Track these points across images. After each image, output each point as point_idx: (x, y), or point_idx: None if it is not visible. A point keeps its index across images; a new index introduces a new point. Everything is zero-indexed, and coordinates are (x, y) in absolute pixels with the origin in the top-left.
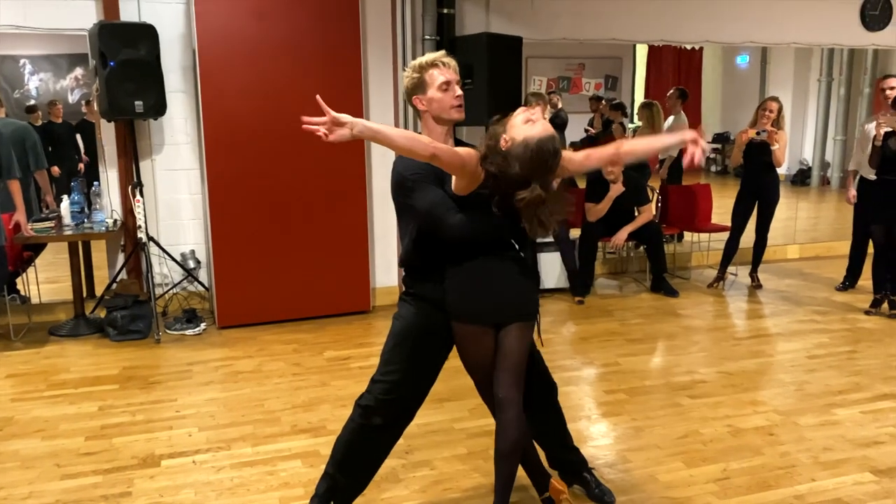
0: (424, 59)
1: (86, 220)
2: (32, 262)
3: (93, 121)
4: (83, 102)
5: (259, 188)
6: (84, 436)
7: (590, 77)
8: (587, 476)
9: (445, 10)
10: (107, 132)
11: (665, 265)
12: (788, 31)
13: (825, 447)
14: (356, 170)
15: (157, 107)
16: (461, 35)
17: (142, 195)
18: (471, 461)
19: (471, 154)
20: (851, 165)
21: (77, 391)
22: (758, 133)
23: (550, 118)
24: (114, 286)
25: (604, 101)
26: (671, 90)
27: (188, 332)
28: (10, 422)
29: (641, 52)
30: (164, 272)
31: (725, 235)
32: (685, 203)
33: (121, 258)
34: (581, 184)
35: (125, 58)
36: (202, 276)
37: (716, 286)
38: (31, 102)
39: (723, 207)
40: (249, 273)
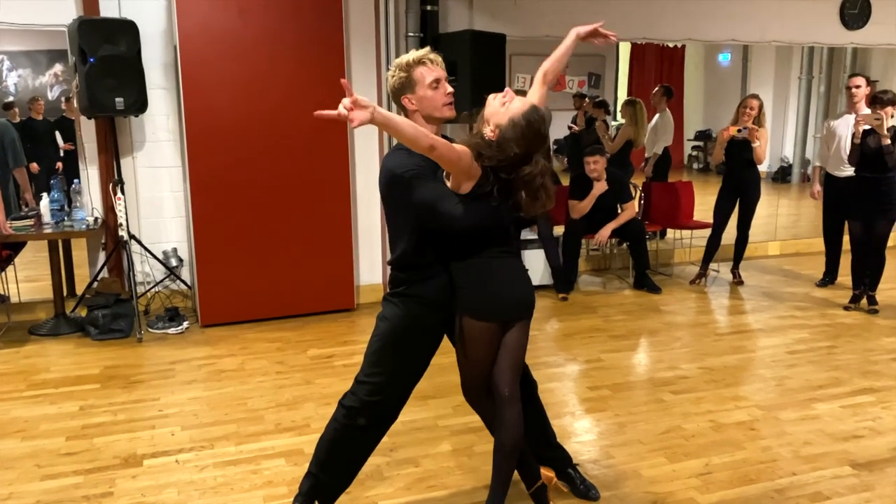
0: (411, 57)
1: (66, 218)
2: (12, 261)
3: (72, 118)
4: (63, 99)
5: (242, 185)
6: (65, 436)
7: (573, 75)
8: (571, 472)
9: (429, 7)
10: (87, 129)
11: (648, 262)
12: (769, 30)
13: (805, 441)
14: (340, 167)
15: (138, 103)
16: (445, 32)
17: (123, 193)
18: (455, 458)
19: (464, 150)
20: (817, 161)
21: (58, 391)
22: (739, 131)
23: None
24: (95, 285)
25: (587, 99)
26: (656, 88)
27: (170, 331)
28: None
29: (624, 50)
30: (146, 270)
31: (707, 232)
32: (668, 200)
33: (102, 256)
34: (565, 181)
35: (105, 54)
36: (184, 275)
37: (698, 283)
38: (10, 99)
39: (705, 204)
40: (232, 271)
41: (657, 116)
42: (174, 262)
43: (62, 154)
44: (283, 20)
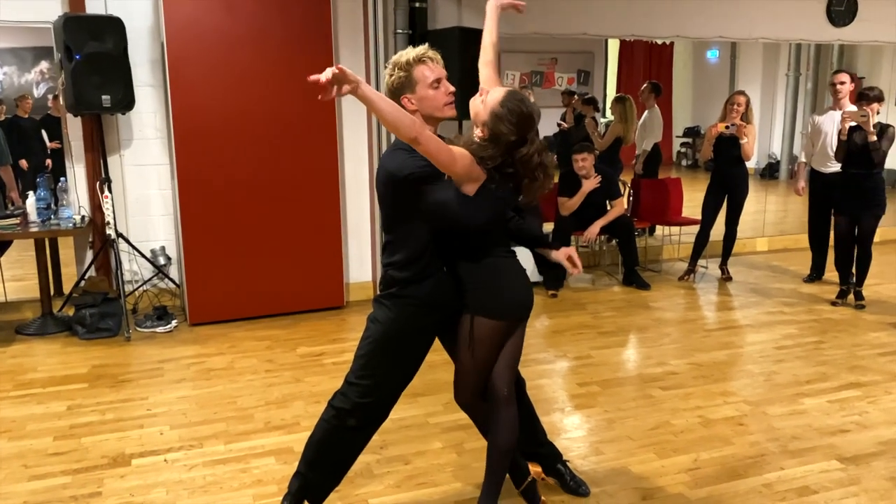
0: (410, 56)
1: (52, 217)
2: None
3: (58, 115)
4: (49, 97)
5: (230, 183)
6: (52, 436)
7: (562, 72)
8: (561, 468)
9: (417, 4)
10: (73, 127)
11: (637, 258)
12: (757, 27)
13: (793, 436)
14: (329, 164)
15: (125, 101)
16: (433, 29)
17: (110, 191)
18: (445, 456)
19: (462, 153)
20: (802, 157)
21: (45, 390)
22: (727, 127)
23: None
24: (82, 283)
25: (576, 96)
26: (644, 85)
27: (159, 330)
28: None
29: (613, 47)
30: (134, 269)
31: (696, 229)
32: (656, 197)
33: (89, 255)
34: (554, 178)
35: (91, 51)
36: (173, 273)
37: (686, 279)
38: None
39: (693, 201)
40: (221, 269)
41: (646, 113)
42: (162, 261)
43: (49, 151)
44: (271, 16)
